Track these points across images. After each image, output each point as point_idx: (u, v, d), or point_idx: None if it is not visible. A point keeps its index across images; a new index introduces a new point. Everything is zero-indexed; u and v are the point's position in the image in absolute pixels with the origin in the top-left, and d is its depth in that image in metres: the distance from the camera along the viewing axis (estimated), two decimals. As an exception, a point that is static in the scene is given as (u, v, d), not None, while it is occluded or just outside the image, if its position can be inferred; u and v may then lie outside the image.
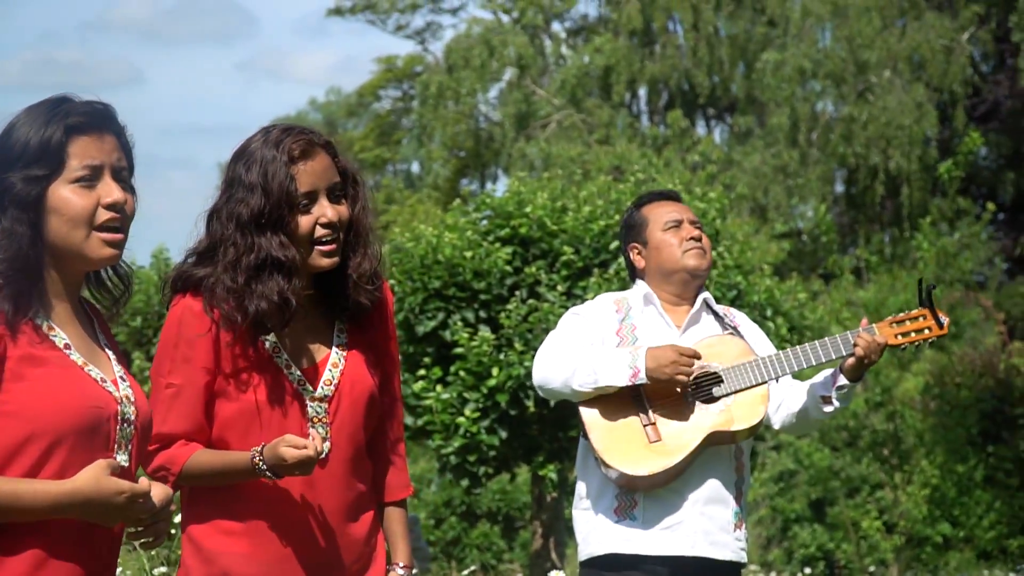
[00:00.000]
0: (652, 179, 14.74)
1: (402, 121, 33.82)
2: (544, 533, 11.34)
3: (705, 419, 3.84)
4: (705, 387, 3.90)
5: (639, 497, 3.89)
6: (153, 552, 6.95)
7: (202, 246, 2.54)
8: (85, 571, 2.07)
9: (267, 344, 2.77)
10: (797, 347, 4.02)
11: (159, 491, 2.10)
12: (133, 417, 2.20)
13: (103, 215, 2.08)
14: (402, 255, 10.84)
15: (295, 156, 2.47)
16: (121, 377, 2.24)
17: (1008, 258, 22.62)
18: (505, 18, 29.23)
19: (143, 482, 2.08)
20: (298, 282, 2.50)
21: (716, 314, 4.10)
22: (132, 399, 2.21)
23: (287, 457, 2.57)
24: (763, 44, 23.94)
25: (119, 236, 2.10)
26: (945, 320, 3.87)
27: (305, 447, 2.58)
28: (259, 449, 2.61)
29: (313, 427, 2.72)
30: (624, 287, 5.87)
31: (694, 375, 3.82)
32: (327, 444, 2.73)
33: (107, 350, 2.26)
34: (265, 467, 2.56)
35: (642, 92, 26.83)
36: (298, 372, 2.79)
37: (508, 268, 10.03)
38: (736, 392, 3.92)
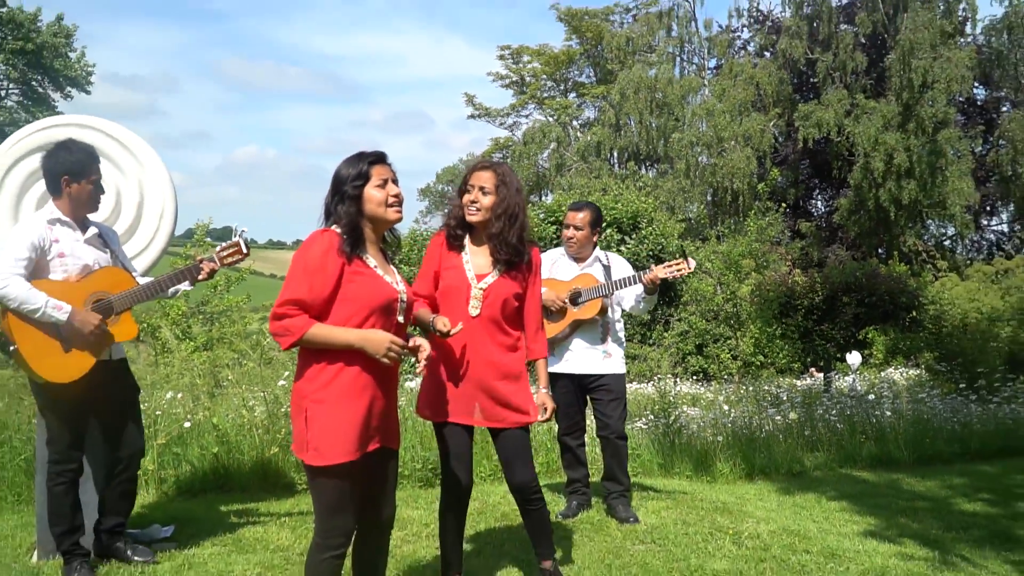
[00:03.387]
0: (619, 195, 18.16)
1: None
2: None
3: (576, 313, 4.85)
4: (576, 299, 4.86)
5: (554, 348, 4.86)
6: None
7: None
8: (383, 374, 2.86)
9: (464, 258, 3.46)
10: (629, 275, 4.89)
11: (417, 342, 2.95)
12: (405, 299, 2.90)
13: (390, 199, 2.86)
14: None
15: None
16: (398, 281, 2.92)
17: (791, 229, 25.86)
18: (551, 119, 35.68)
19: (415, 339, 2.89)
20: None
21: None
22: (404, 291, 2.89)
23: (438, 326, 3.23)
24: (673, 128, 27.66)
25: (398, 210, 2.89)
26: (692, 262, 4.67)
27: (446, 324, 3.22)
28: (437, 315, 3.29)
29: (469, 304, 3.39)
30: None
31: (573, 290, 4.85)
32: (460, 324, 3.25)
33: (392, 267, 2.93)
34: (435, 327, 3.22)
35: (615, 153, 31.34)
36: (473, 273, 3.44)
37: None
38: (588, 299, 4.87)
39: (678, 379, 14.15)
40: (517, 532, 4.71)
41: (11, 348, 3.75)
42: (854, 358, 11.20)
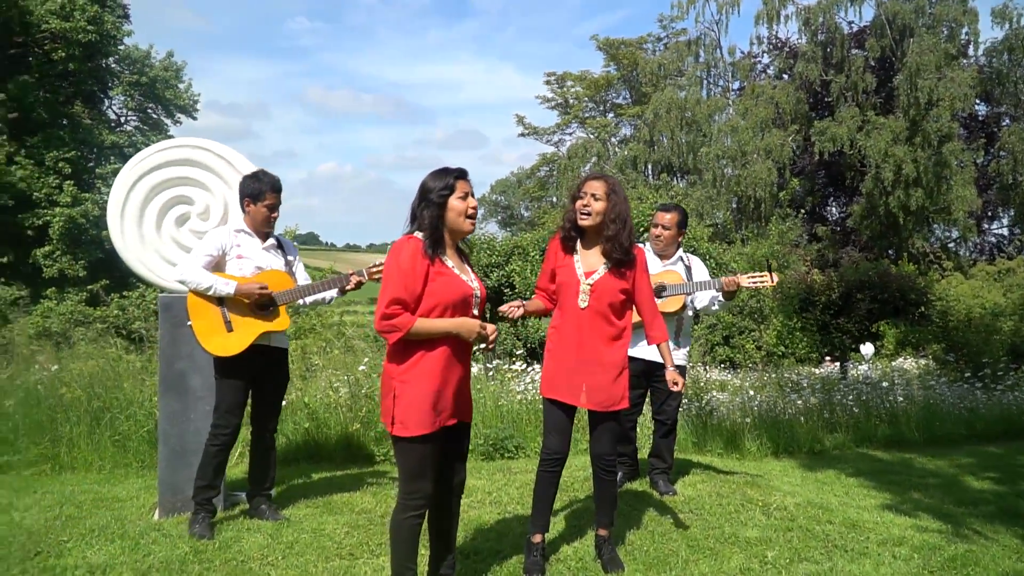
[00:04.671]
0: (654, 203, 16.91)
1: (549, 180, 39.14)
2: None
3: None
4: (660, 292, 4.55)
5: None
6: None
7: None
8: (459, 357, 2.91)
9: (575, 257, 3.52)
10: (708, 279, 4.68)
11: (491, 328, 2.95)
12: (479, 296, 2.95)
13: (469, 211, 2.90)
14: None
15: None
16: (472, 279, 2.95)
17: (808, 233, 25.05)
18: (592, 136, 35.34)
19: (488, 325, 2.95)
20: None
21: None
22: (478, 288, 2.95)
23: (502, 308, 3.42)
24: (701, 143, 27.21)
25: (473, 222, 2.94)
26: (776, 277, 4.40)
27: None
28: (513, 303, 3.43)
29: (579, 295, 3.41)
30: None
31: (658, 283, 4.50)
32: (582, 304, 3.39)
33: (468, 267, 2.97)
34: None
35: (649, 166, 30.90)
36: (582, 270, 3.46)
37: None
38: (672, 295, 4.69)
39: (707, 367, 13.88)
40: (583, 502, 4.69)
41: (188, 324, 4.14)
42: (868, 349, 10.89)
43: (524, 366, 7.81)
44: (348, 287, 4.20)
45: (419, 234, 2.89)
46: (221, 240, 4.15)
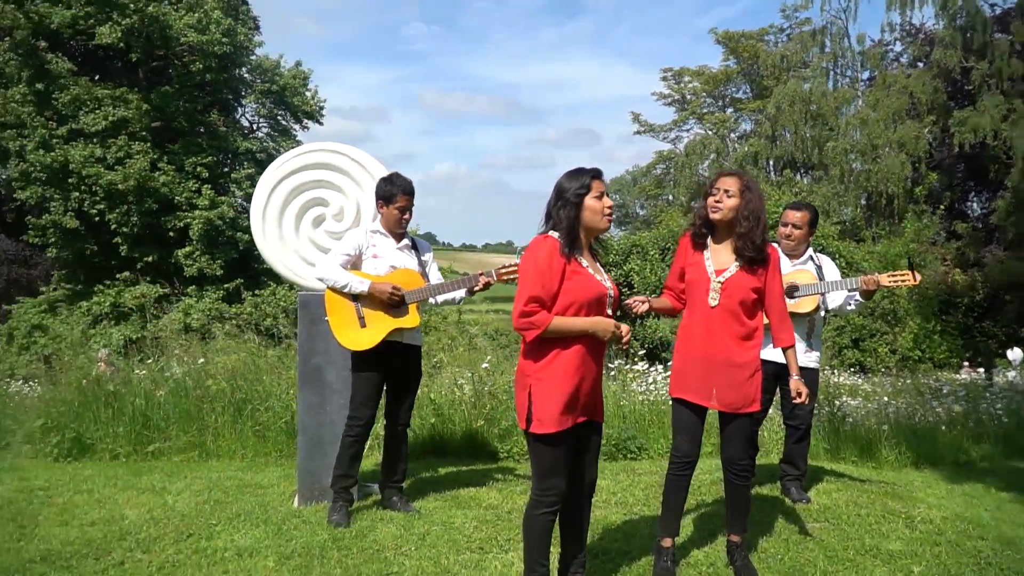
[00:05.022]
0: (778, 199, 17.80)
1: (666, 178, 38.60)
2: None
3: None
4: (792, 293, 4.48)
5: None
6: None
7: None
8: (593, 355, 2.93)
9: (705, 254, 3.47)
10: (842, 279, 4.56)
11: (625, 327, 2.96)
12: (612, 295, 2.97)
13: (606, 210, 2.93)
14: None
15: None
16: (606, 279, 2.99)
17: (946, 230, 23.58)
18: (711, 133, 34.67)
19: (622, 325, 2.98)
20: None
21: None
22: (611, 288, 2.98)
23: (627, 301, 3.32)
24: (827, 137, 26.48)
25: (610, 220, 2.95)
26: (919, 276, 4.26)
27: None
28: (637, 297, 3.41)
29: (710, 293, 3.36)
30: None
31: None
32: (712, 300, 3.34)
33: (600, 266, 3.02)
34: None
35: (771, 162, 29.70)
36: (713, 267, 3.42)
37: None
38: (805, 295, 4.57)
39: (836, 371, 13.44)
40: (711, 506, 4.60)
41: (324, 319, 4.33)
42: (1016, 354, 10.24)
43: (646, 366, 7.72)
44: (477, 288, 4.26)
45: (554, 233, 2.92)
46: (357, 240, 4.32)
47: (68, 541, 3.96)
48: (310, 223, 4.97)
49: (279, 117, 26.91)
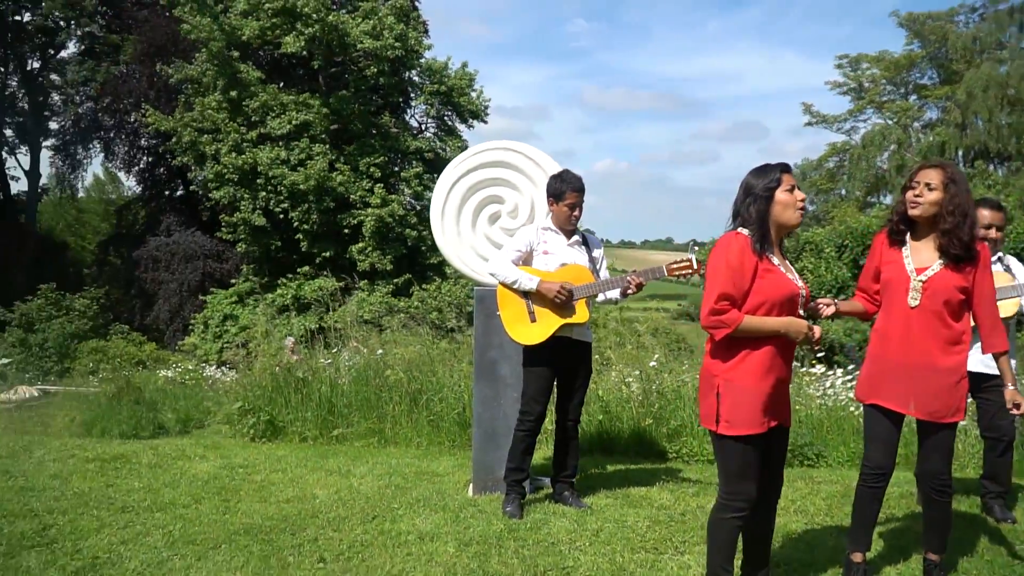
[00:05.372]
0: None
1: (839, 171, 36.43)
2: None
3: None
4: None
5: None
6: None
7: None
8: (783, 357, 2.84)
9: (904, 252, 3.27)
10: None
11: (817, 329, 2.89)
12: (804, 295, 2.88)
13: (798, 204, 2.83)
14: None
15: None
16: (797, 278, 2.90)
17: None
18: (891, 122, 32.65)
19: (814, 327, 2.88)
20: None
21: None
22: (802, 286, 2.88)
23: (816, 303, 3.07)
24: None
25: (802, 214, 2.83)
26: None
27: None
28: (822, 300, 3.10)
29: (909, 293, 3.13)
30: None
31: None
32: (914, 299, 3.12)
33: (789, 264, 2.96)
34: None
35: (960, 152, 28.39)
36: (913, 266, 3.21)
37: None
38: (1005, 299, 4.17)
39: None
40: (902, 520, 4.32)
41: (497, 313, 4.41)
42: None
43: (823, 369, 7.35)
44: (630, 291, 4.25)
45: (743, 231, 2.85)
46: (528, 238, 4.39)
47: (267, 516, 4.27)
48: (486, 220, 5.09)
49: (446, 117, 27.76)
